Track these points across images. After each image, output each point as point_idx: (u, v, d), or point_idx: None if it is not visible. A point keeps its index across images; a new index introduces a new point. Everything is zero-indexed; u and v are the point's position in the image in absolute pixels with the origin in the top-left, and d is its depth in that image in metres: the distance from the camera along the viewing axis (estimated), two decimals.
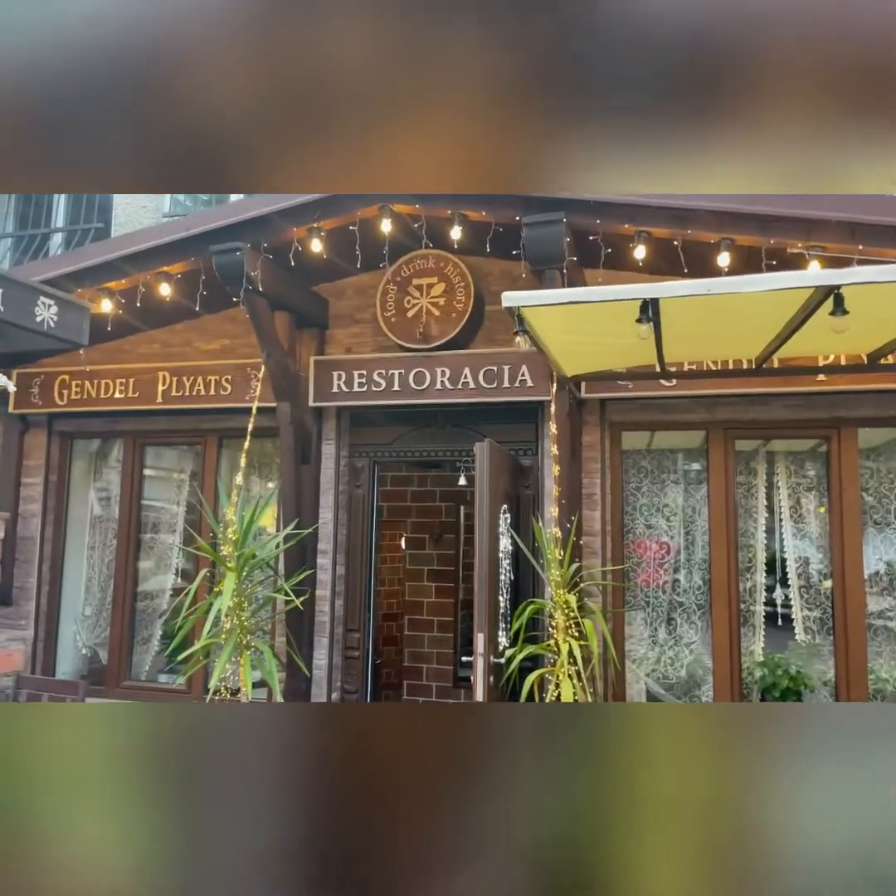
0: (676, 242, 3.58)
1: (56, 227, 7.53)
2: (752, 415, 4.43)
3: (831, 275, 1.93)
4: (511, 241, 3.89)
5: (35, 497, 5.73)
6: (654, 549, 4.75)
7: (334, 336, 5.20)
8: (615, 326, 2.50)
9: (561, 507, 3.91)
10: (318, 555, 5.03)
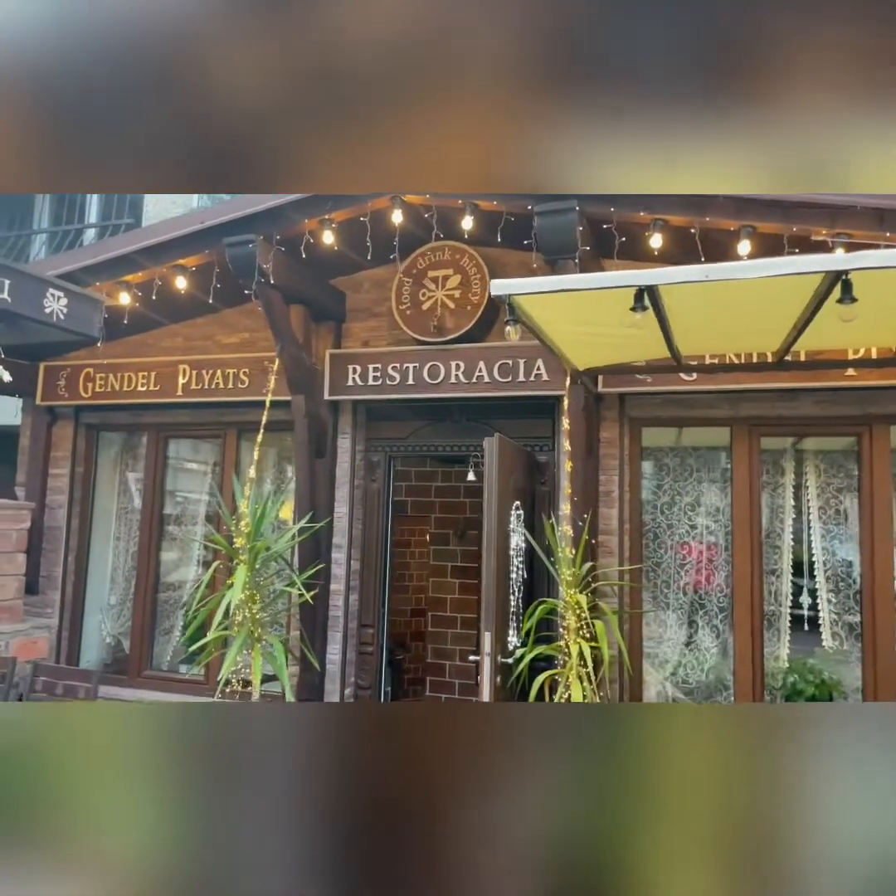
0: (693, 230, 3.43)
1: (89, 223, 7.67)
2: (779, 411, 4.25)
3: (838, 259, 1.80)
4: (523, 230, 3.79)
5: (62, 488, 5.84)
6: (675, 548, 4.61)
7: (351, 329, 5.16)
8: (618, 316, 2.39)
9: (573, 505, 3.81)
10: (332, 549, 5.01)
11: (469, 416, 4.90)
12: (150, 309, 4.85)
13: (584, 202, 3.57)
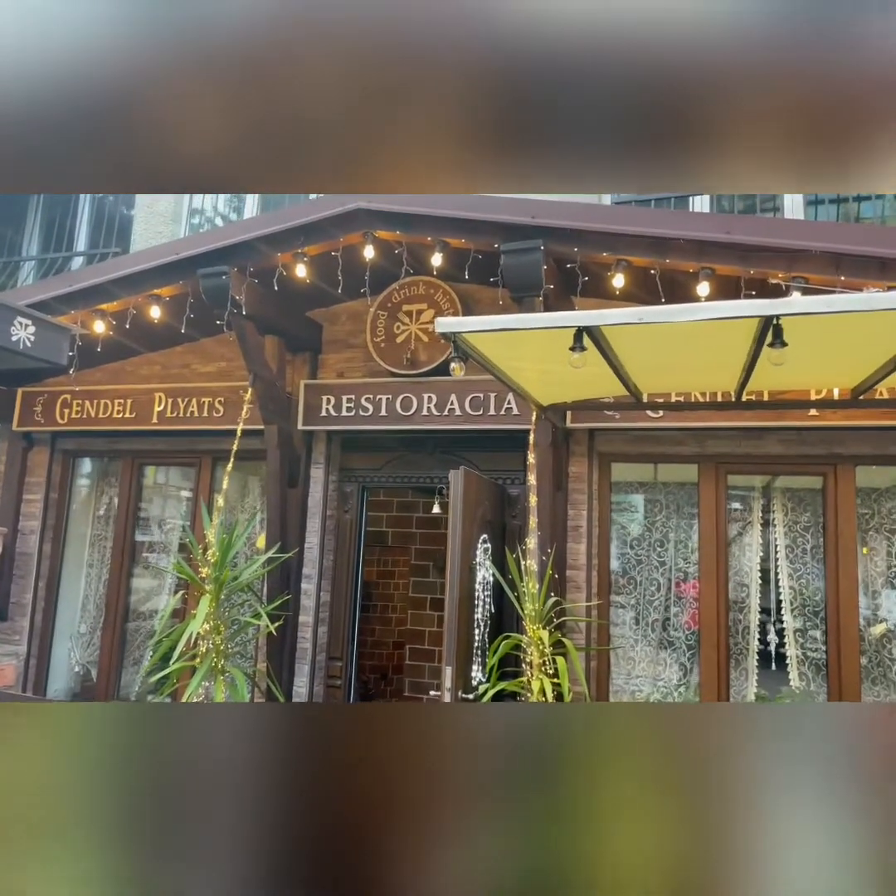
0: (654, 271, 3.49)
1: (77, 250, 7.76)
2: (745, 449, 4.28)
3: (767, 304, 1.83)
4: (491, 268, 3.85)
5: (35, 514, 5.82)
6: (643, 585, 4.60)
7: (327, 360, 5.20)
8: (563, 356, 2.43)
9: (538, 539, 3.81)
10: (302, 580, 4.99)
11: (442, 448, 4.93)
12: (128, 337, 4.89)
13: (550, 241, 3.63)
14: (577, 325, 2.06)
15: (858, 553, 4.14)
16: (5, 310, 3.30)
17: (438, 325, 2.22)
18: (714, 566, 4.32)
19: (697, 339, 2.42)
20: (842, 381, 3.12)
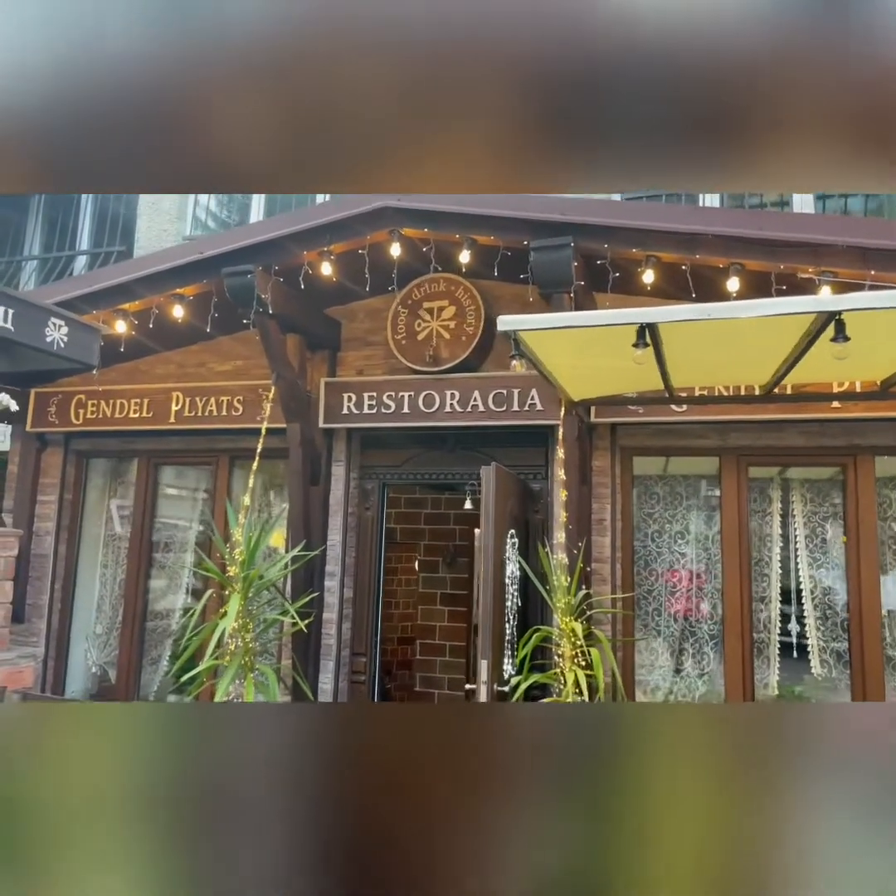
0: (685, 267, 3.54)
1: (80, 250, 7.70)
2: (766, 441, 4.35)
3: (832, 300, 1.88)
4: (519, 264, 3.88)
5: (50, 515, 5.79)
6: (665, 576, 4.67)
7: (346, 358, 5.22)
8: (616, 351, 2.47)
9: (568, 533, 3.86)
10: (325, 577, 5.01)
11: (463, 445, 4.96)
12: (145, 337, 4.88)
13: (580, 238, 3.67)
14: (641, 322, 2.10)
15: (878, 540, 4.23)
16: (39, 311, 3.29)
17: (501, 324, 2.25)
18: (737, 557, 4.39)
19: (744, 334, 2.47)
20: (872, 373, 3.18)
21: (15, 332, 3.17)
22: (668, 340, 2.46)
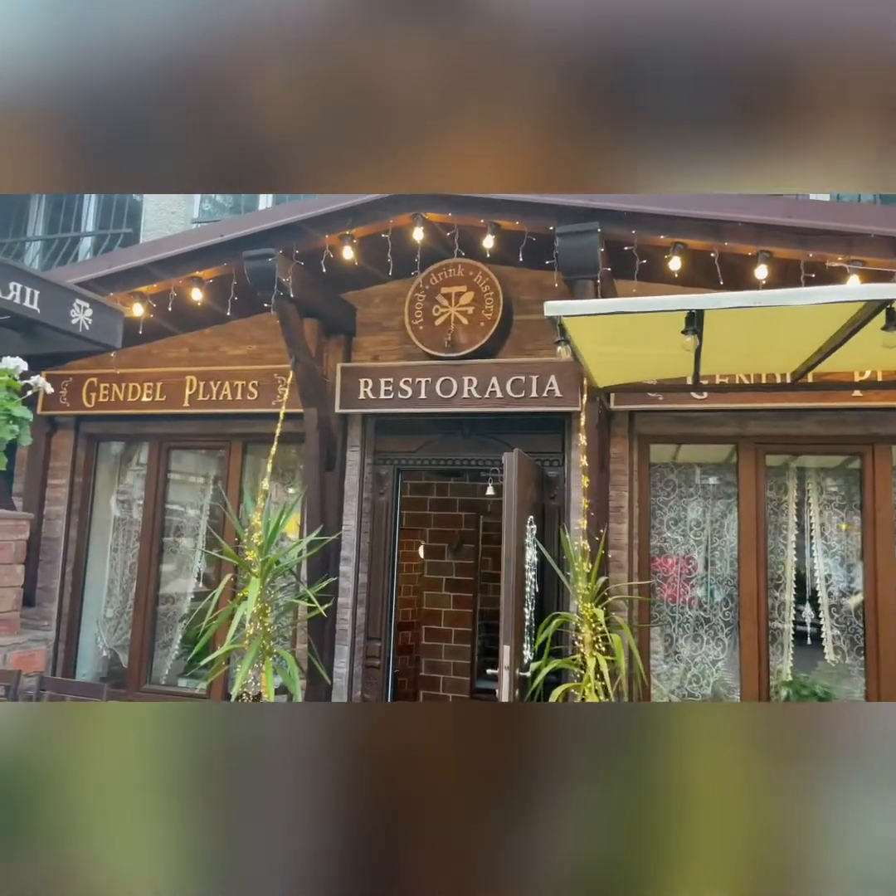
0: (713, 254, 3.54)
1: (86, 231, 7.62)
2: (784, 429, 4.37)
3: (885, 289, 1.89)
4: (543, 250, 3.86)
5: (60, 498, 5.77)
6: (681, 564, 4.69)
7: (361, 343, 5.19)
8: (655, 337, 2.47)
9: (590, 520, 3.87)
10: (340, 562, 5.01)
11: (478, 431, 4.96)
12: (160, 320, 4.84)
13: (606, 224, 3.66)
14: (691, 309, 2.10)
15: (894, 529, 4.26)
16: (65, 292, 3.25)
17: (548, 309, 2.24)
18: (754, 545, 4.42)
19: (784, 322, 2.47)
20: None
21: (41, 314, 3.14)
22: (708, 327, 2.46)
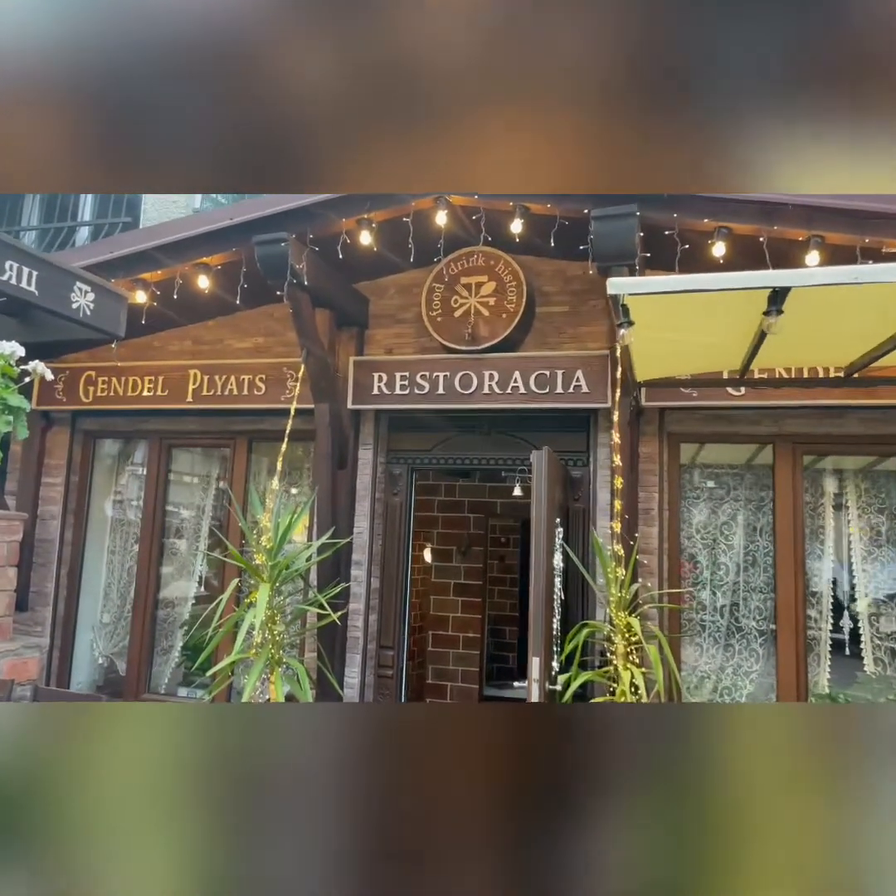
0: (762, 239, 3.31)
1: (82, 220, 7.35)
2: (825, 428, 4.14)
3: None
4: (575, 236, 3.63)
5: (55, 498, 5.50)
6: (711, 569, 4.46)
7: (374, 336, 4.95)
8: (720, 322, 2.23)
9: (624, 523, 3.63)
10: (352, 566, 4.76)
11: (498, 429, 4.71)
12: (166, 309, 4.58)
13: (644, 207, 3.43)
14: (774, 286, 1.86)
15: None
16: (65, 274, 3.00)
17: (611, 286, 2.00)
18: (791, 550, 4.19)
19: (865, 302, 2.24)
20: None
21: (39, 297, 2.89)
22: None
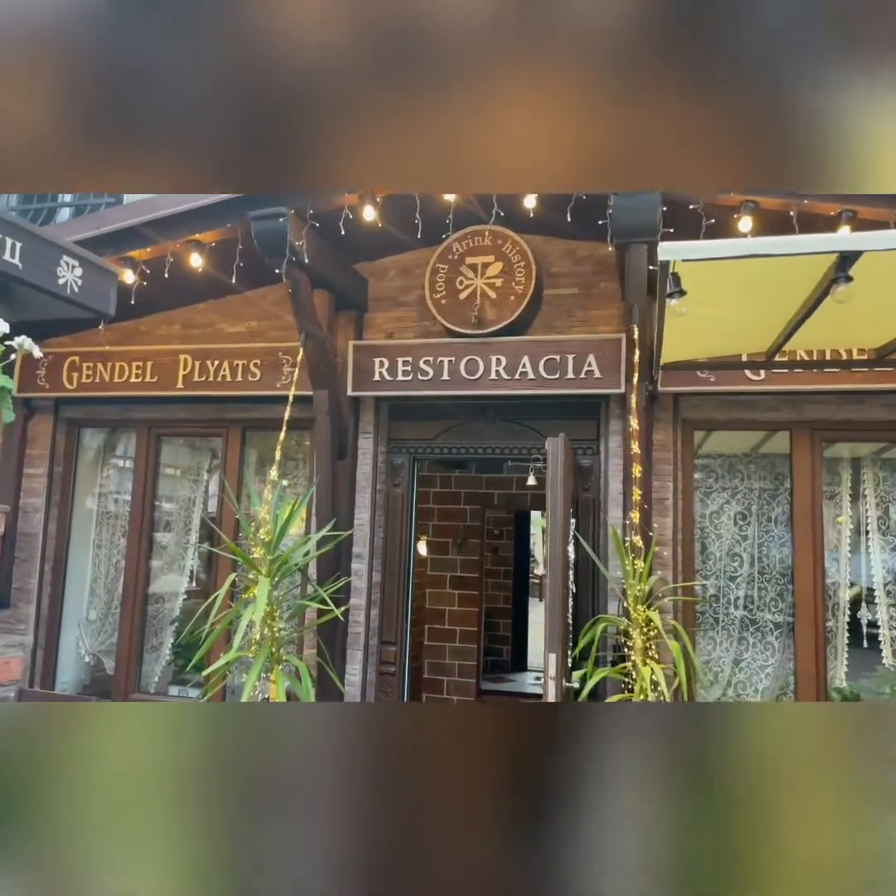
0: (792, 213, 3.14)
1: (63, 201, 7.05)
2: (845, 414, 4.00)
3: None
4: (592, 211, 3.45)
5: (38, 490, 5.25)
6: (725, 560, 4.32)
7: (374, 320, 4.74)
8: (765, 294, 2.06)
9: (643, 513, 3.47)
10: (352, 559, 4.57)
11: (505, 416, 4.53)
12: (153, 290, 4.34)
13: None
14: (840, 251, 1.70)
15: None
16: (51, 246, 2.77)
17: (662, 252, 1.82)
18: (810, 540, 4.05)
19: None
20: None
21: (22, 270, 2.66)
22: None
